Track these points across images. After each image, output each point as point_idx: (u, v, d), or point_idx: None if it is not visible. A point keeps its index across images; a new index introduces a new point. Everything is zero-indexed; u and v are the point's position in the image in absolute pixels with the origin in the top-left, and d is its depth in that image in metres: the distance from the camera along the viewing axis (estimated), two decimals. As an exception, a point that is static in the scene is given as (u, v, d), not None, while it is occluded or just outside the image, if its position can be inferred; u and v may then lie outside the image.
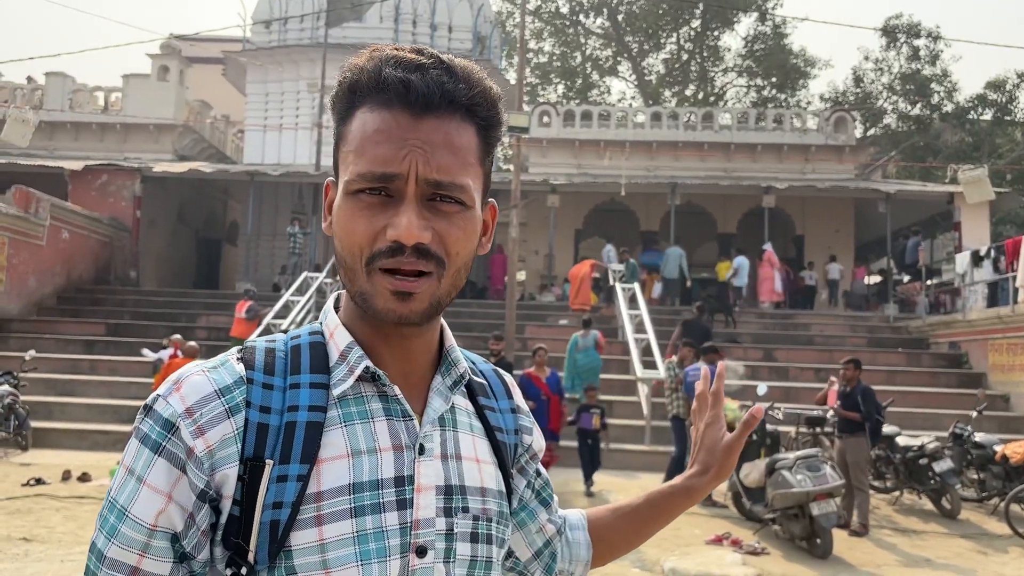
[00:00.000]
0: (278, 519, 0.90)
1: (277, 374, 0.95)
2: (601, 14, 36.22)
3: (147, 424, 0.90)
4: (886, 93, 34.63)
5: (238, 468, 0.90)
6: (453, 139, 0.95)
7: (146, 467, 0.89)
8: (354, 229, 0.94)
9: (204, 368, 0.94)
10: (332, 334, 1.00)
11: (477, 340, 14.73)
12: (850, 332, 18.57)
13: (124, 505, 0.89)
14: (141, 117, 23.51)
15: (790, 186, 21.18)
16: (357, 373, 0.96)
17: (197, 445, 0.89)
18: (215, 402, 0.91)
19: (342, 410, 0.95)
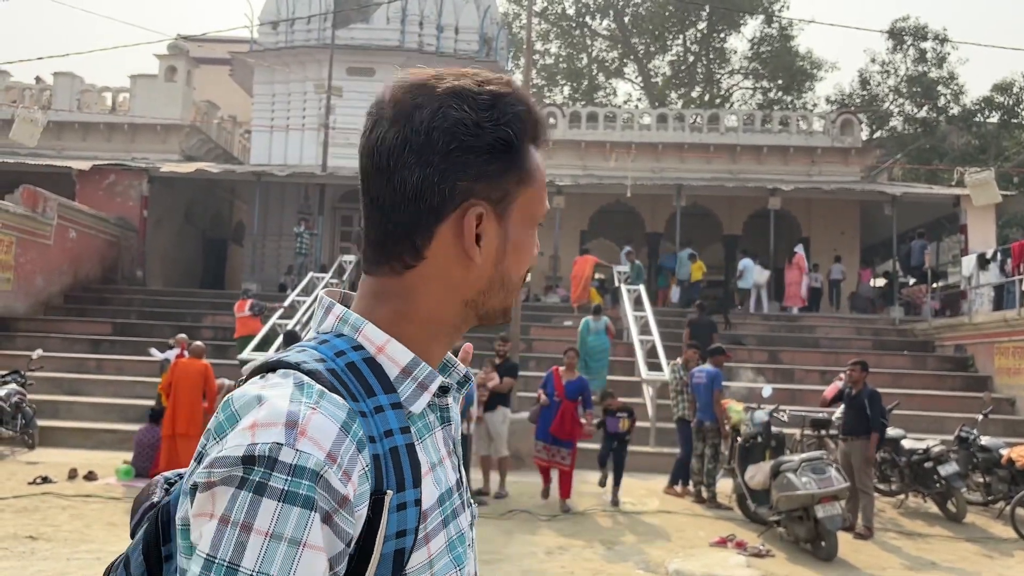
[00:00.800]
0: (403, 547, 0.88)
1: (358, 399, 0.90)
2: (607, 16, 36.25)
3: (278, 479, 0.79)
4: (892, 95, 34.57)
5: (368, 505, 0.86)
6: None
7: (303, 527, 0.79)
8: (534, 256, 1.03)
9: (308, 404, 0.84)
10: (382, 348, 0.95)
11: (482, 341, 14.71)
12: (856, 335, 18.54)
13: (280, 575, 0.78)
14: (148, 117, 23.58)
15: (796, 188, 21.16)
16: (432, 390, 0.96)
17: (348, 492, 0.83)
18: (346, 442, 0.84)
19: (415, 426, 0.94)
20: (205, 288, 23.61)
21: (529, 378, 14.76)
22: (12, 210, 16.73)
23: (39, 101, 23.93)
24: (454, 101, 0.94)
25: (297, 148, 24.16)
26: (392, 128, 0.95)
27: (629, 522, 9.00)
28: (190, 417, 9.75)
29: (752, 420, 9.57)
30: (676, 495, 10.38)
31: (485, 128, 0.94)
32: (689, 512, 9.62)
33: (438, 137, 0.93)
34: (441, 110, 0.93)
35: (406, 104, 0.95)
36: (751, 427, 9.49)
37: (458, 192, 0.94)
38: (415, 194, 0.94)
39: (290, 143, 24.32)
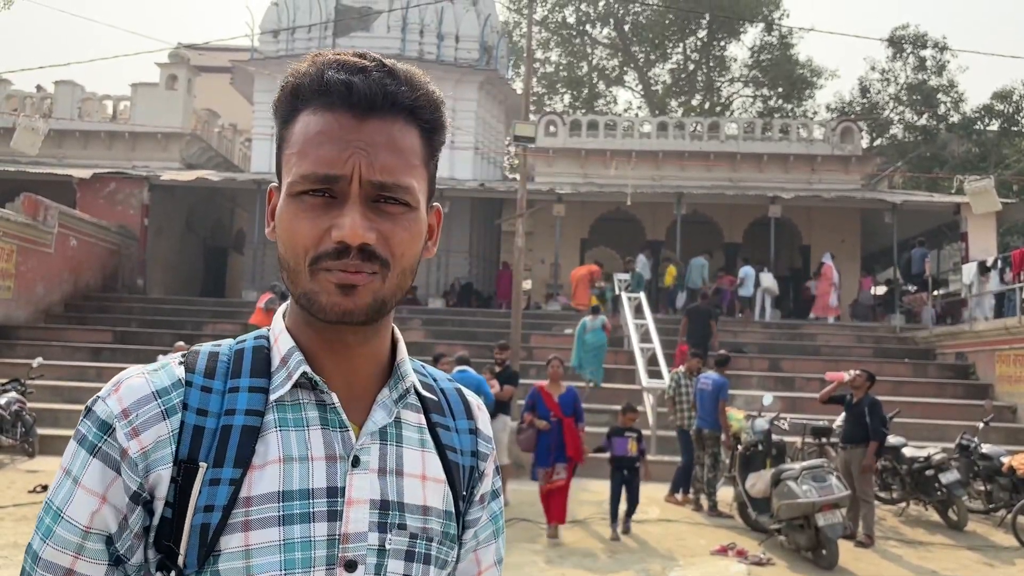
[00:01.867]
0: (208, 522, 0.89)
1: (218, 377, 0.95)
2: (608, 24, 36.33)
3: (85, 425, 0.91)
4: (892, 103, 34.64)
5: (172, 470, 0.90)
6: (396, 140, 0.94)
7: (82, 468, 0.90)
8: (297, 230, 0.93)
9: (145, 371, 0.95)
10: (276, 339, 0.99)
11: (482, 349, 14.74)
12: (856, 343, 18.53)
13: (59, 506, 0.89)
14: (149, 126, 23.62)
15: (796, 196, 21.18)
16: (295, 378, 0.95)
17: (131, 446, 0.89)
18: (151, 403, 0.91)
19: (278, 415, 0.94)
20: (206, 296, 23.62)
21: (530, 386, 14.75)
22: (13, 218, 16.75)
23: (40, 110, 23.96)
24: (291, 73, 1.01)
25: (298, 156, 24.18)
26: None
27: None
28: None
29: (753, 428, 9.56)
30: (676, 503, 10.36)
31: (281, 89, 1.00)
32: (690, 520, 9.60)
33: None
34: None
35: None
36: (752, 435, 9.48)
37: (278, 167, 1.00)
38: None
39: (291, 151, 24.33)
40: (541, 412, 8.63)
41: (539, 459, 8.58)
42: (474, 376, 9.50)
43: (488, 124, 26.15)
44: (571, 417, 8.58)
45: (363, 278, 0.92)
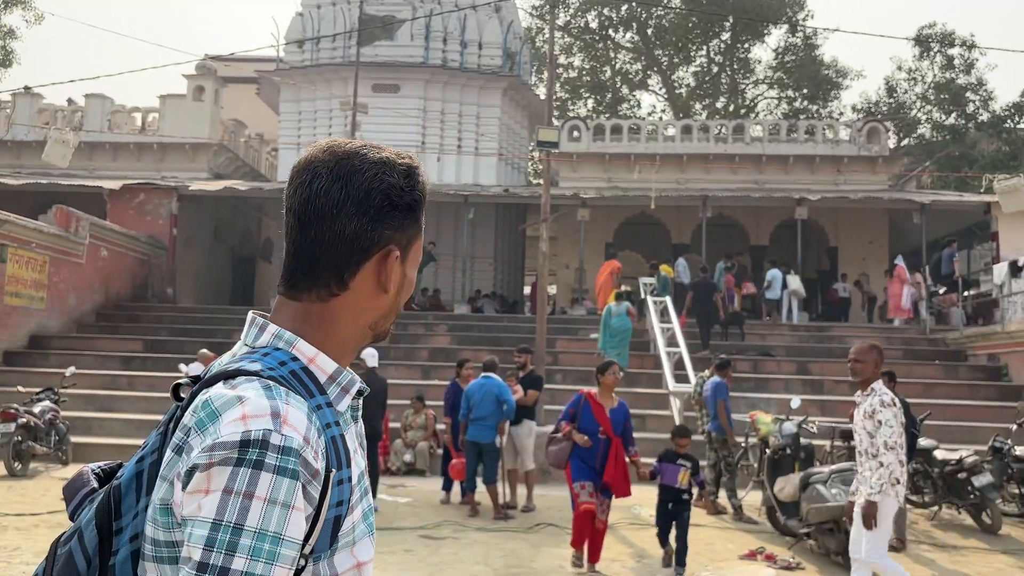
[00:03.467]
0: (340, 514, 1.12)
1: (310, 397, 1.14)
2: (631, 28, 36.28)
3: (273, 456, 1.03)
4: (920, 103, 34.25)
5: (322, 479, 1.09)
6: None
7: (289, 494, 1.03)
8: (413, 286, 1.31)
9: (283, 400, 1.08)
10: (312, 360, 1.18)
11: (507, 354, 14.73)
12: (886, 344, 18.25)
13: (277, 531, 1.01)
14: (177, 137, 23.93)
15: (823, 197, 21.02)
16: (352, 393, 1.21)
17: (319, 467, 1.08)
18: (312, 429, 1.09)
19: (342, 420, 1.18)
20: (235, 305, 23.85)
21: (555, 391, 14.76)
22: (46, 230, 17.03)
23: (71, 122, 24.35)
24: (386, 169, 1.22)
25: (323, 165, 24.36)
26: (335, 184, 1.19)
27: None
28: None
29: (780, 431, 9.50)
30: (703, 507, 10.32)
31: (405, 191, 1.23)
32: (718, 525, 9.55)
33: (376, 195, 1.20)
34: (378, 175, 1.20)
35: (346, 167, 1.20)
36: (779, 439, 9.42)
37: (383, 238, 1.22)
38: (352, 238, 1.19)
39: (316, 160, 24.52)
40: (586, 424, 7.20)
41: (575, 474, 7.25)
42: (496, 382, 9.51)
43: (512, 130, 26.21)
44: (620, 437, 7.23)
45: None
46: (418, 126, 24.13)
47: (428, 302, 22.17)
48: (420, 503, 10.15)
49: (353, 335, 1.25)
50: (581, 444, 7.15)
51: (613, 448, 7.13)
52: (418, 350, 17.50)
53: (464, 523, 9.12)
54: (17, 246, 16.02)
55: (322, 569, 1.11)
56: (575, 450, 7.20)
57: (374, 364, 10.10)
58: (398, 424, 12.52)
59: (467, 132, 24.69)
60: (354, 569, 1.15)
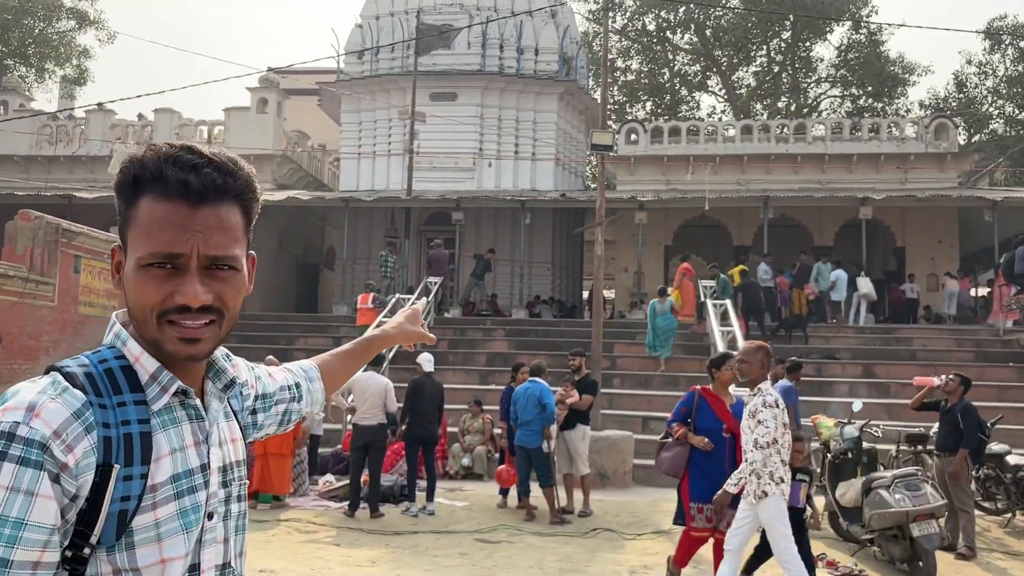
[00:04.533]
0: (126, 508, 1.16)
1: (104, 395, 1.19)
2: (689, 30, 35.93)
3: (18, 448, 1.08)
4: (991, 97, 33.22)
5: (94, 473, 1.13)
6: (224, 222, 1.23)
7: (33, 481, 1.08)
8: (147, 294, 1.20)
9: (49, 394, 1.14)
10: (137, 359, 1.24)
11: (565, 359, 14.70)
12: (956, 346, 17.80)
13: (19, 516, 1.07)
14: (242, 148, 24.50)
15: (888, 196, 20.52)
16: (171, 391, 1.24)
17: (69, 460, 1.11)
18: (74, 424, 1.13)
19: (159, 419, 1.22)
20: (299, 312, 24.31)
21: (614, 396, 14.69)
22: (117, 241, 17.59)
23: (141, 137, 25.15)
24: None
25: (383, 173, 24.73)
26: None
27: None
28: (282, 436, 10.04)
29: (842, 435, 9.29)
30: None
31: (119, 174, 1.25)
32: (779, 531, 9.37)
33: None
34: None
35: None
36: (841, 443, 9.21)
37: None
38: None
39: (377, 169, 24.90)
40: (705, 424, 6.39)
41: (693, 491, 6.31)
42: (540, 385, 9.50)
43: (568, 135, 26.20)
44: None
45: (205, 331, 1.23)
46: (475, 133, 24.29)
47: (486, 307, 22.27)
48: (477, 507, 10.20)
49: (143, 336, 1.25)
50: (701, 447, 6.31)
51: (740, 448, 6.02)
52: (476, 355, 17.60)
53: (520, 527, 9.13)
54: (90, 257, 16.59)
55: (118, 560, 1.16)
56: (693, 456, 6.34)
57: (430, 369, 10.20)
58: (456, 428, 12.61)
59: (524, 138, 24.76)
60: (158, 565, 1.19)
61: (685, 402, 6.65)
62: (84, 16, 34.72)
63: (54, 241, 15.48)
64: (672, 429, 6.55)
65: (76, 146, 25.65)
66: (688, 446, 6.38)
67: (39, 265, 15.22)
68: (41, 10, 33.59)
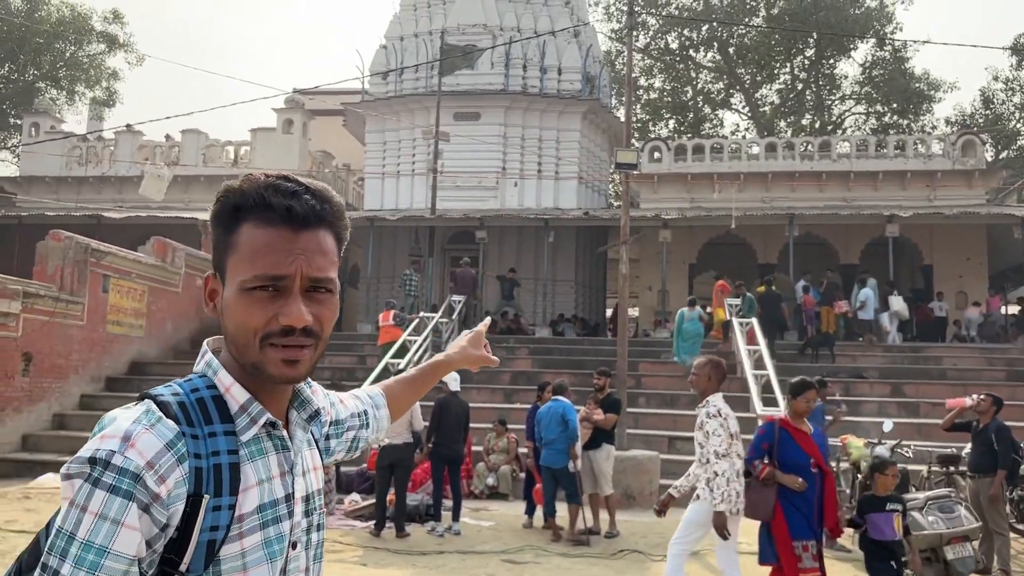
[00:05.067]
0: (215, 538, 1.19)
1: (195, 425, 1.21)
2: (712, 48, 35.97)
3: (111, 477, 1.12)
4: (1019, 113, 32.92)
5: (185, 503, 1.16)
6: (323, 246, 1.27)
7: (121, 511, 1.11)
8: (251, 317, 1.23)
9: (144, 424, 1.17)
10: (228, 389, 1.27)
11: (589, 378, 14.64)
12: (987, 365, 17.55)
13: (103, 544, 1.10)
14: (268, 168, 24.66)
15: (915, 214, 20.34)
16: (261, 423, 1.27)
17: (161, 491, 1.14)
18: (167, 455, 1.16)
19: (247, 450, 1.25)
20: (322, 330, 24.36)
21: (639, 415, 14.61)
22: (144, 260, 17.80)
23: (168, 158, 25.48)
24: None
25: (407, 192, 24.87)
26: None
27: (745, 561, 8.73)
28: (307, 455, 10.04)
29: (873, 456, 9.17)
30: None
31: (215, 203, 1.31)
32: (808, 552, 9.24)
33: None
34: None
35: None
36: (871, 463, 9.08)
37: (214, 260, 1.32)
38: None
39: (401, 188, 25.05)
40: (791, 458, 5.76)
41: (795, 530, 5.71)
42: (563, 404, 9.46)
43: (592, 153, 26.24)
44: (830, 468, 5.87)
45: (303, 354, 1.25)
46: (499, 152, 24.38)
47: (509, 325, 22.27)
48: (502, 527, 10.15)
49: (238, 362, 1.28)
50: (795, 487, 5.66)
51: (829, 483, 5.72)
52: (500, 373, 17.56)
53: (546, 548, 9.07)
54: (118, 277, 16.78)
55: None
56: (782, 493, 5.71)
57: (456, 388, 10.18)
58: (481, 447, 12.58)
59: (547, 156, 24.83)
60: None
61: (765, 436, 5.97)
62: (114, 39, 35.34)
63: (84, 261, 15.68)
64: (755, 468, 5.85)
65: (105, 167, 26.02)
66: (776, 486, 5.75)
67: (69, 284, 15.41)
68: (72, 34, 34.21)
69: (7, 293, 13.78)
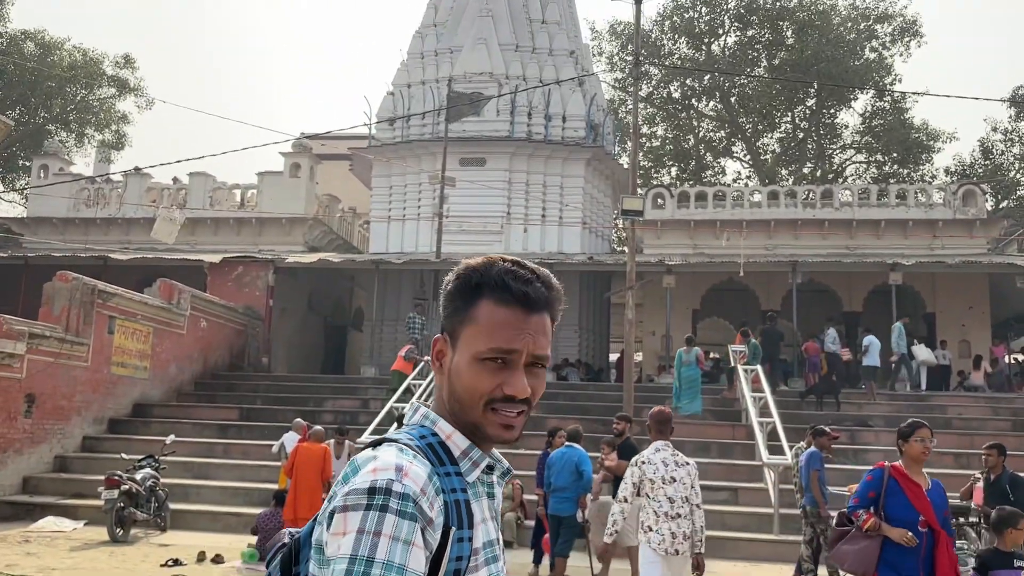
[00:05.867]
0: (459, 568, 1.33)
1: (436, 464, 1.36)
2: (714, 97, 36.44)
3: (396, 502, 1.25)
4: (1018, 164, 33.21)
5: (441, 533, 1.30)
6: (546, 327, 1.44)
7: (410, 532, 1.24)
8: (481, 384, 1.39)
9: (408, 459, 1.32)
10: (449, 436, 1.42)
11: (594, 423, 14.61)
12: (992, 415, 17.49)
13: (401, 562, 1.22)
14: (275, 212, 24.94)
15: (918, 262, 20.43)
16: (482, 467, 1.42)
17: (433, 516, 1.29)
18: (430, 485, 1.31)
19: (472, 491, 1.39)
20: (327, 373, 24.37)
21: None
22: (150, 302, 17.85)
23: (176, 200, 25.67)
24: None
25: (413, 237, 25.01)
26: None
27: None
28: (311, 501, 9.97)
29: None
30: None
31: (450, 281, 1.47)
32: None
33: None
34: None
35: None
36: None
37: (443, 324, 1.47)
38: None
39: (406, 232, 25.20)
40: (898, 512, 5.08)
41: None
42: (578, 452, 9.38)
43: (595, 199, 26.44)
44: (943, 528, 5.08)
45: (519, 420, 1.42)
46: (503, 197, 24.58)
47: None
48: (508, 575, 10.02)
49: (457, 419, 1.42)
50: (903, 542, 4.97)
51: (942, 546, 4.95)
52: (505, 419, 17.49)
53: (553, 596, 8.96)
54: (124, 318, 16.82)
55: None
56: (884, 551, 5.07)
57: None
58: (485, 494, 12.47)
59: (551, 202, 25.02)
60: None
61: (872, 483, 5.26)
62: (125, 83, 35.83)
63: (90, 302, 15.73)
64: (858, 517, 5.19)
65: (113, 209, 26.21)
66: (880, 538, 5.08)
67: (75, 325, 15.43)
68: (84, 78, 34.69)
69: (12, 334, 13.80)
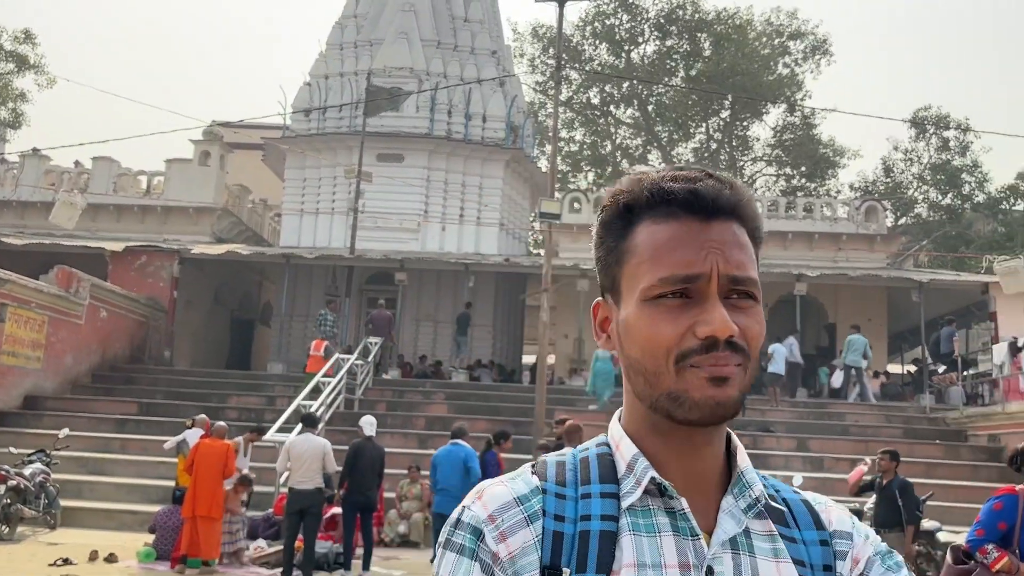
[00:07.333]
0: None
1: (568, 485, 0.99)
2: (632, 105, 37.02)
3: (459, 535, 0.95)
4: (916, 183, 34.77)
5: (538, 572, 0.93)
6: (739, 238, 0.98)
7: (465, 570, 0.93)
8: (660, 332, 0.95)
9: (504, 480, 1.00)
10: (618, 446, 1.01)
11: (504, 423, 14.62)
12: (886, 422, 18.22)
13: None
14: (181, 200, 24.16)
15: (822, 274, 21.14)
16: (644, 484, 0.97)
17: (500, 550, 0.93)
18: (514, 509, 0.95)
19: (630, 519, 0.96)
20: (232, 368, 23.74)
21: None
22: (46, 290, 17.05)
23: (77, 184, 24.61)
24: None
25: (326, 231, 24.57)
26: None
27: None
28: (211, 499, 9.65)
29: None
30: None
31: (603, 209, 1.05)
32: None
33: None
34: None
35: None
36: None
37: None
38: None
39: (319, 226, 24.75)
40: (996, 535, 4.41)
41: None
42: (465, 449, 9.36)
43: (513, 201, 26.49)
44: None
45: (733, 370, 0.94)
46: (421, 195, 24.38)
47: (426, 370, 22.10)
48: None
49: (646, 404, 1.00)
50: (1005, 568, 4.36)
51: None
52: (415, 418, 17.36)
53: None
54: (17, 306, 16.02)
55: None
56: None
57: (371, 432, 10.00)
58: (393, 494, 12.34)
59: (469, 202, 24.95)
60: None
61: (1003, 513, 4.53)
62: (24, 60, 34.18)
63: (-20, 287, 14.94)
64: (985, 554, 4.43)
65: (8, 190, 24.97)
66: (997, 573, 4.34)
67: (-38, 312, 14.63)
68: (-21, 52, 32.98)
69: None
